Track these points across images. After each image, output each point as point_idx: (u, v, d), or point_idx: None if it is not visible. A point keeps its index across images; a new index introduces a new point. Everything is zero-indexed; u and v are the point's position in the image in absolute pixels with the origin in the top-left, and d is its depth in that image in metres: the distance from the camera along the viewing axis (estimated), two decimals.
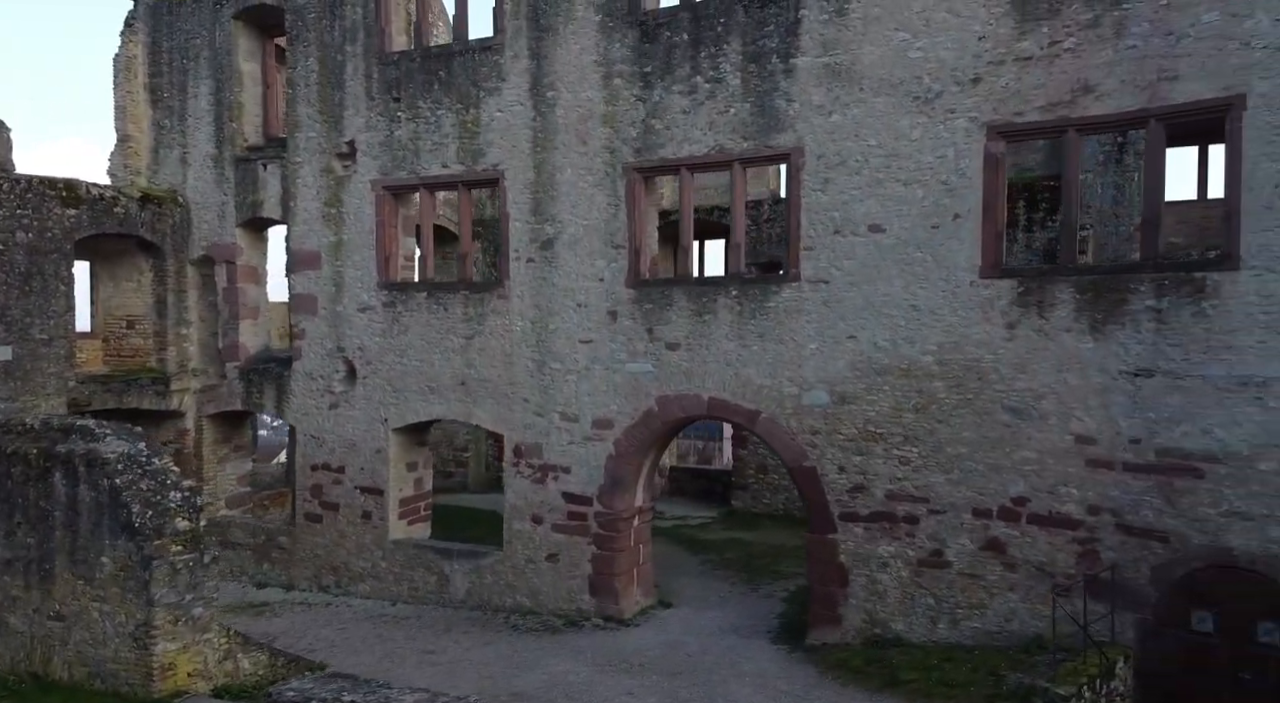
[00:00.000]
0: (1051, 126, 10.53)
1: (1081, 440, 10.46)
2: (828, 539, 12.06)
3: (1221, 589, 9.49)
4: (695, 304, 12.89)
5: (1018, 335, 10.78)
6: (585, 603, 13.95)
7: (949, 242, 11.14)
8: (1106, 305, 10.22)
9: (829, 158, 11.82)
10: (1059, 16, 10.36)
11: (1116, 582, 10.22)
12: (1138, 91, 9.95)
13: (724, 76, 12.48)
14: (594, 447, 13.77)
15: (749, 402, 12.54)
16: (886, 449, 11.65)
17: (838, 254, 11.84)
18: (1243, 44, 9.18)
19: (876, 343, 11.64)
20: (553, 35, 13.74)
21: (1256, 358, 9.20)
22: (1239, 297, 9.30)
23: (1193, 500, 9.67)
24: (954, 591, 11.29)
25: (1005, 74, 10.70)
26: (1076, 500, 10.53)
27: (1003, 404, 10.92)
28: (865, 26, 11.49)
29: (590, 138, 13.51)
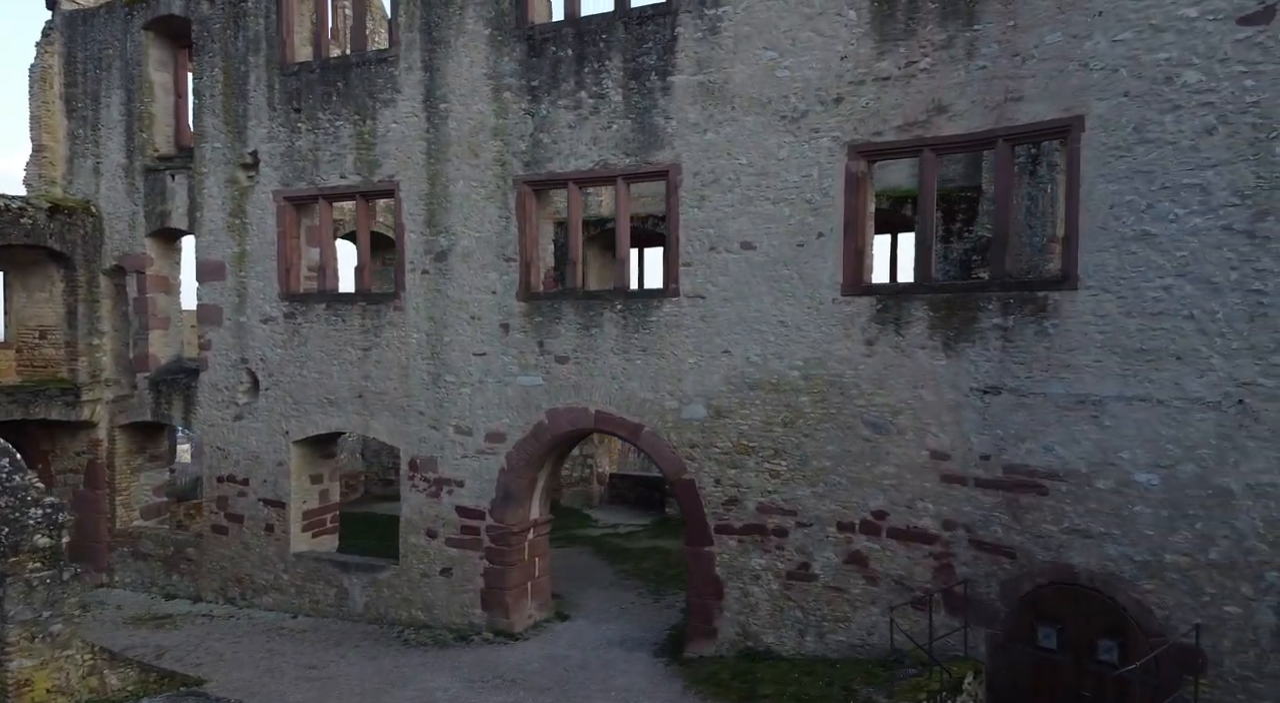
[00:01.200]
0: (908, 146, 10.77)
1: (936, 456, 10.70)
2: (704, 551, 12.25)
3: (1064, 606, 9.73)
4: (583, 318, 13.07)
5: (877, 352, 11.02)
6: (477, 617, 14.07)
7: (814, 259, 11.38)
8: (958, 323, 10.48)
9: (704, 175, 12.04)
10: (915, 37, 10.62)
11: (969, 597, 10.46)
12: (987, 112, 10.21)
13: (607, 92, 12.68)
14: (487, 460, 13.91)
15: (633, 415, 12.72)
16: (758, 462, 11.86)
17: (713, 270, 12.06)
18: (1082, 65, 9.44)
19: (749, 357, 11.86)
20: (445, 48, 13.90)
21: (1093, 377, 9.45)
22: (1077, 316, 9.56)
23: (1037, 517, 9.92)
24: (820, 603, 11.51)
25: (865, 94, 10.95)
26: (932, 515, 10.77)
27: (863, 419, 11.15)
28: (736, 45, 11.72)
29: (482, 150, 13.68)
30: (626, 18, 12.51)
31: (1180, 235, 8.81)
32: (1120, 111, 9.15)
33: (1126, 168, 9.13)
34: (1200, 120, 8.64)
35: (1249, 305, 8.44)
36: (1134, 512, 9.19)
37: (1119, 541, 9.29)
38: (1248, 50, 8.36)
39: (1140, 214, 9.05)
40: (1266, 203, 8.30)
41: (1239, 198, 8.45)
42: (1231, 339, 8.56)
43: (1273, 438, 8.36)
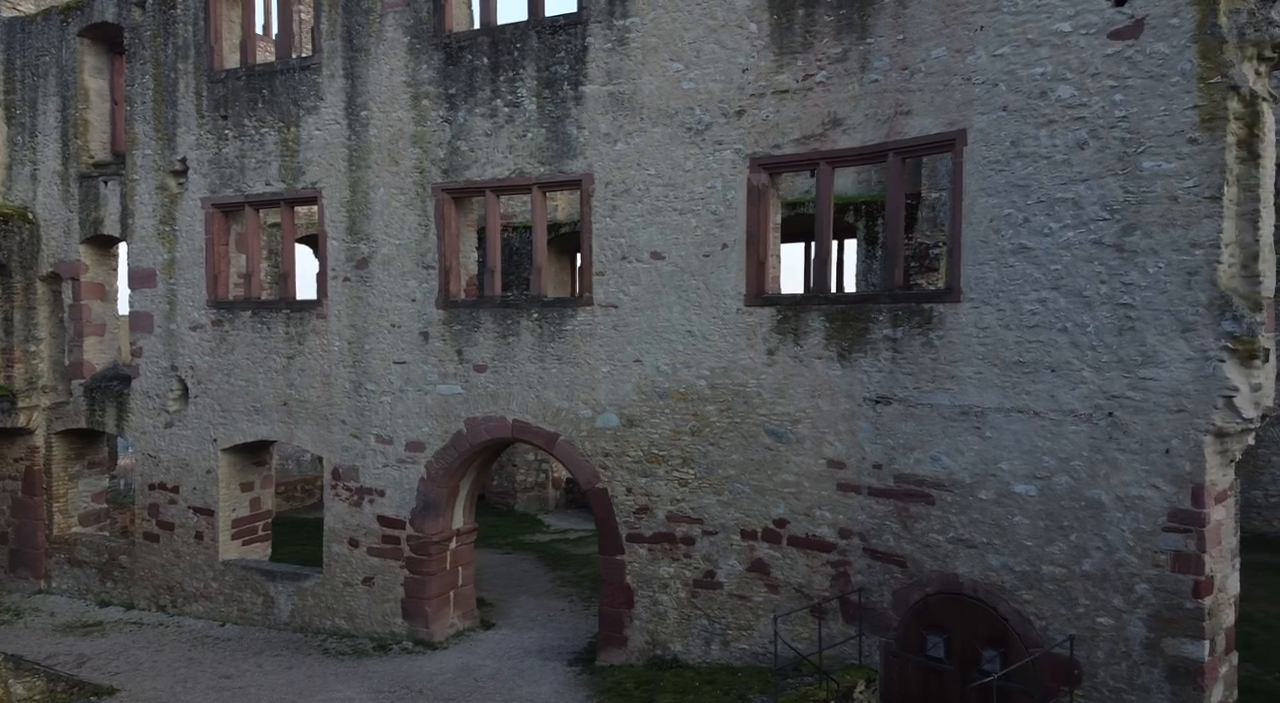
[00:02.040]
0: (805, 159, 10.94)
1: (833, 465, 10.86)
2: (616, 560, 12.38)
3: (950, 616, 9.89)
4: (500, 326, 13.19)
5: (777, 361, 11.17)
6: (398, 626, 14.16)
7: (719, 270, 11.52)
8: (852, 334, 10.64)
9: (616, 185, 12.18)
10: (812, 50, 10.78)
11: (863, 605, 10.61)
12: (879, 125, 10.38)
13: (521, 101, 12.81)
14: (407, 469, 14.01)
15: (549, 424, 12.84)
16: (668, 471, 11.99)
17: (625, 279, 12.19)
18: (965, 79, 9.61)
19: (659, 367, 11.99)
20: (365, 56, 14.01)
21: (974, 389, 9.62)
22: (960, 328, 9.72)
23: (925, 526, 10.08)
24: (725, 611, 11.64)
25: (765, 107, 11.11)
26: (830, 523, 10.92)
27: (765, 428, 11.30)
28: (644, 56, 11.86)
29: (401, 158, 13.79)
30: (539, 27, 12.64)
31: (1054, 249, 8.98)
32: (999, 126, 9.32)
33: (1005, 182, 9.31)
34: (1073, 135, 8.82)
35: (1118, 319, 8.61)
36: (1013, 522, 9.36)
37: (1000, 551, 9.46)
38: (1117, 65, 8.53)
39: (1018, 228, 9.23)
40: (1133, 217, 8.48)
41: (1108, 212, 8.62)
42: (1101, 352, 8.73)
43: (1141, 451, 8.53)
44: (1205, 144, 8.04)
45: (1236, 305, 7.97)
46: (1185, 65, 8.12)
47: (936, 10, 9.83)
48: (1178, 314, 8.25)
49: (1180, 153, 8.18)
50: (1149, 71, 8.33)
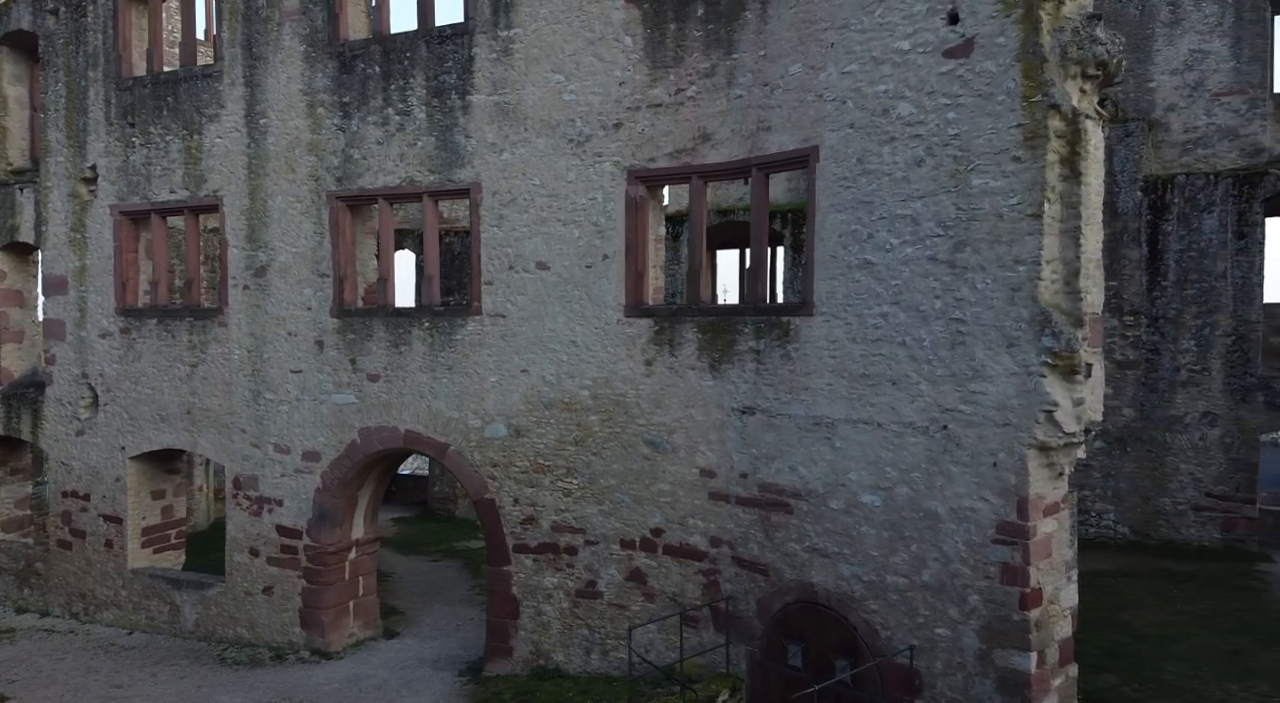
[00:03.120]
0: (678, 173, 11.22)
1: (705, 474, 11.13)
2: (503, 571, 12.63)
3: (807, 625, 10.17)
4: (392, 335, 13.43)
5: (654, 372, 11.44)
6: (297, 636, 14.39)
7: (600, 281, 11.79)
8: (722, 345, 10.91)
9: (502, 195, 12.44)
10: (683, 65, 11.06)
11: (731, 614, 10.88)
12: (743, 141, 10.66)
13: (412, 110, 13.06)
14: (304, 479, 14.23)
15: (440, 434, 13.08)
16: (552, 481, 12.25)
17: (512, 289, 12.45)
18: (817, 96, 9.90)
19: (545, 377, 12.25)
20: (264, 64, 14.24)
21: (826, 400, 9.90)
22: (813, 341, 10.00)
23: (785, 535, 10.36)
24: (604, 621, 11.91)
25: (641, 120, 11.38)
26: (702, 532, 11.20)
27: (643, 438, 11.57)
28: (527, 67, 12.13)
29: (298, 166, 14.03)
30: (428, 37, 12.90)
31: (895, 264, 9.27)
32: (847, 143, 9.61)
33: (852, 198, 9.59)
34: (911, 152, 9.11)
35: (950, 334, 8.91)
36: (861, 532, 9.65)
37: (850, 560, 9.74)
38: (950, 83, 8.82)
39: (863, 243, 9.51)
40: (964, 234, 8.77)
41: (942, 229, 8.91)
42: (936, 366, 9.02)
43: (971, 463, 8.82)
44: (1028, 162, 8.34)
45: (1056, 321, 8.26)
46: (1010, 84, 8.42)
47: (793, 27, 10.12)
48: (1003, 329, 8.54)
49: (1005, 170, 8.47)
50: (978, 90, 8.62)
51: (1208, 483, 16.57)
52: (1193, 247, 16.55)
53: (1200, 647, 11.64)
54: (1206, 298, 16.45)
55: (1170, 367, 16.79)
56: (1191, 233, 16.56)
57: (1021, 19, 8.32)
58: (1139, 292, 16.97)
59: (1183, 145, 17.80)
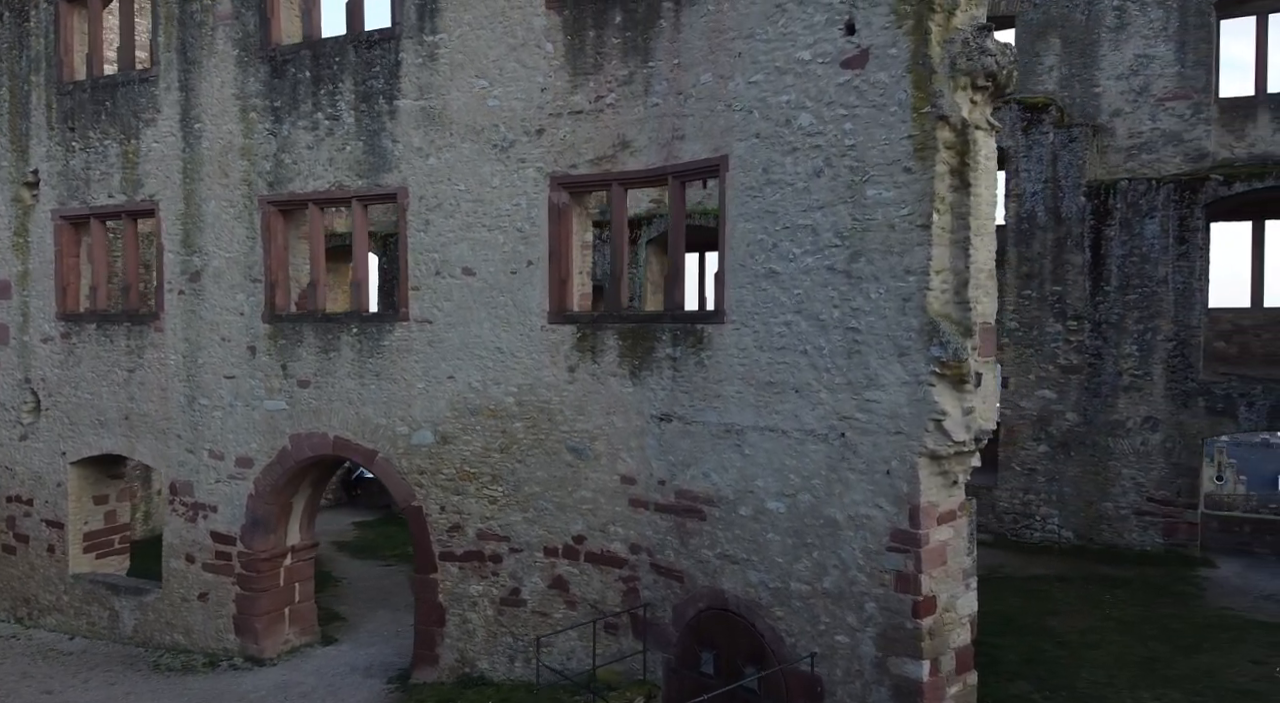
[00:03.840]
0: (598, 179, 11.36)
1: (626, 481, 11.28)
2: (429, 579, 12.76)
3: (719, 632, 10.32)
4: (322, 341, 13.54)
5: (577, 379, 11.58)
6: (231, 643, 14.49)
7: (525, 287, 11.92)
8: (641, 352, 11.06)
9: (429, 200, 12.56)
10: (602, 72, 11.20)
11: (649, 620, 11.03)
12: (660, 148, 10.81)
13: (341, 114, 13.18)
14: (237, 485, 14.34)
15: (368, 441, 13.20)
16: (478, 488, 12.38)
17: (439, 295, 12.57)
18: (727, 106, 10.05)
19: (471, 384, 12.38)
20: (199, 68, 14.34)
21: (736, 407, 10.05)
22: (725, 349, 10.16)
23: (698, 542, 10.51)
24: (528, 629, 12.04)
25: (563, 126, 11.52)
26: (622, 539, 11.34)
27: (566, 445, 11.71)
28: (453, 72, 12.26)
29: (231, 170, 14.13)
30: (357, 41, 13.02)
31: (797, 274, 9.42)
32: (754, 152, 9.76)
33: (758, 207, 9.74)
34: (811, 162, 9.26)
35: (848, 342, 9.06)
36: (767, 539, 9.80)
37: (757, 567, 9.89)
38: (847, 94, 8.98)
39: (769, 252, 9.66)
40: (859, 244, 8.93)
41: (839, 239, 9.06)
42: (835, 375, 9.17)
43: (867, 471, 8.97)
44: (918, 173, 8.49)
45: (944, 331, 8.42)
46: (902, 95, 8.58)
47: (704, 36, 10.27)
48: (895, 339, 8.70)
49: (897, 181, 8.63)
50: (873, 101, 8.78)
51: (1150, 488, 16.76)
52: (1135, 252, 16.73)
53: (1120, 654, 11.81)
54: (1148, 303, 16.63)
55: (1113, 371, 16.98)
56: (1134, 238, 16.75)
57: (912, 30, 8.48)
58: (1082, 297, 17.16)
59: (1128, 150, 17.98)
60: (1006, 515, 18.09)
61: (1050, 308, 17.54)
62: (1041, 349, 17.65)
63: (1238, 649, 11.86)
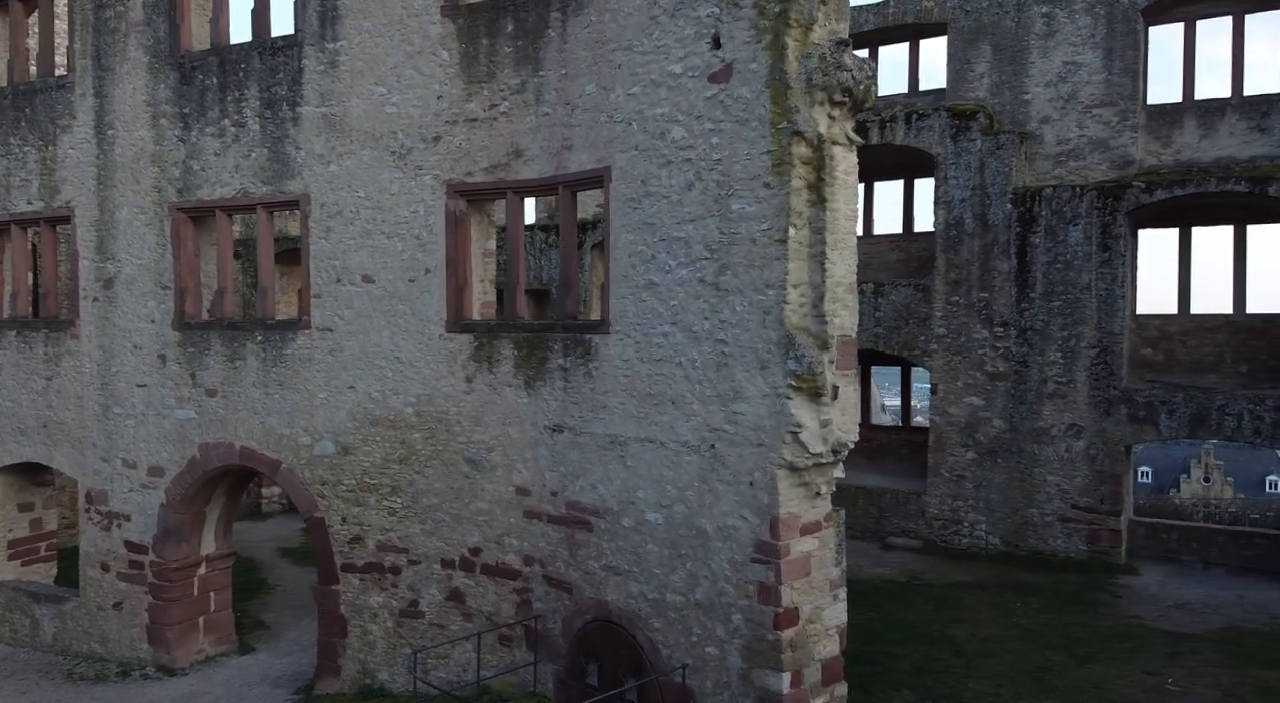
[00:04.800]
0: (493, 188, 11.40)
1: (520, 492, 11.33)
2: (331, 590, 12.78)
3: (603, 643, 10.38)
4: (229, 350, 13.56)
5: (474, 389, 11.63)
6: (145, 652, 14.50)
7: (423, 296, 11.97)
8: (536, 362, 11.11)
9: (330, 207, 12.59)
10: (495, 80, 11.25)
11: (541, 632, 11.08)
12: (550, 158, 10.87)
13: (246, 121, 13.20)
14: (150, 494, 14.34)
15: (272, 451, 13.22)
16: (378, 500, 12.41)
17: (339, 303, 12.60)
18: (609, 117, 10.11)
19: (371, 393, 12.41)
20: (112, 75, 14.34)
21: (619, 418, 10.11)
22: (610, 360, 10.22)
23: (586, 553, 10.56)
24: (426, 640, 12.07)
25: (458, 134, 11.56)
26: (516, 551, 11.39)
27: (464, 455, 11.75)
28: (353, 80, 12.29)
29: (142, 177, 14.14)
30: (261, 49, 13.05)
31: (673, 286, 9.49)
32: (634, 164, 9.83)
33: (638, 219, 9.81)
34: (683, 176, 9.33)
35: (717, 355, 9.14)
36: (647, 550, 9.87)
37: (638, 578, 9.96)
38: (714, 108, 9.06)
39: (648, 264, 9.73)
40: (726, 258, 9.00)
41: (709, 252, 9.14)
42: (705, 386, 9.25)
43: (734, 482, 9.05)
44: (776, 188, 8.57)
45: (800, 344, 8.49)
46: (761, 110, 8.65)
47: (588, 47, 10.33)
48: (757, 352, 8.78)
49: (758, 196, 8.71)
50: (737, 116, 8.85)
51: (1074, 495, 16.88)
52: (1059, 259, 16.86)
53: (1014, 663, 11.90)
54: (1072, 310, 16.76)
55: (1038, 378, 17.10)
56: (1058, 245, 16.87)
57: (770, 45, 8.56)
58: (1009, 304, 17.28)
59: (1056, 157, 18.11)
60: (936, 521, 18.20)
61: (978, 315, 17.66)
62: (969, 356, 17.77)
63: (1134, 659, 11.97)
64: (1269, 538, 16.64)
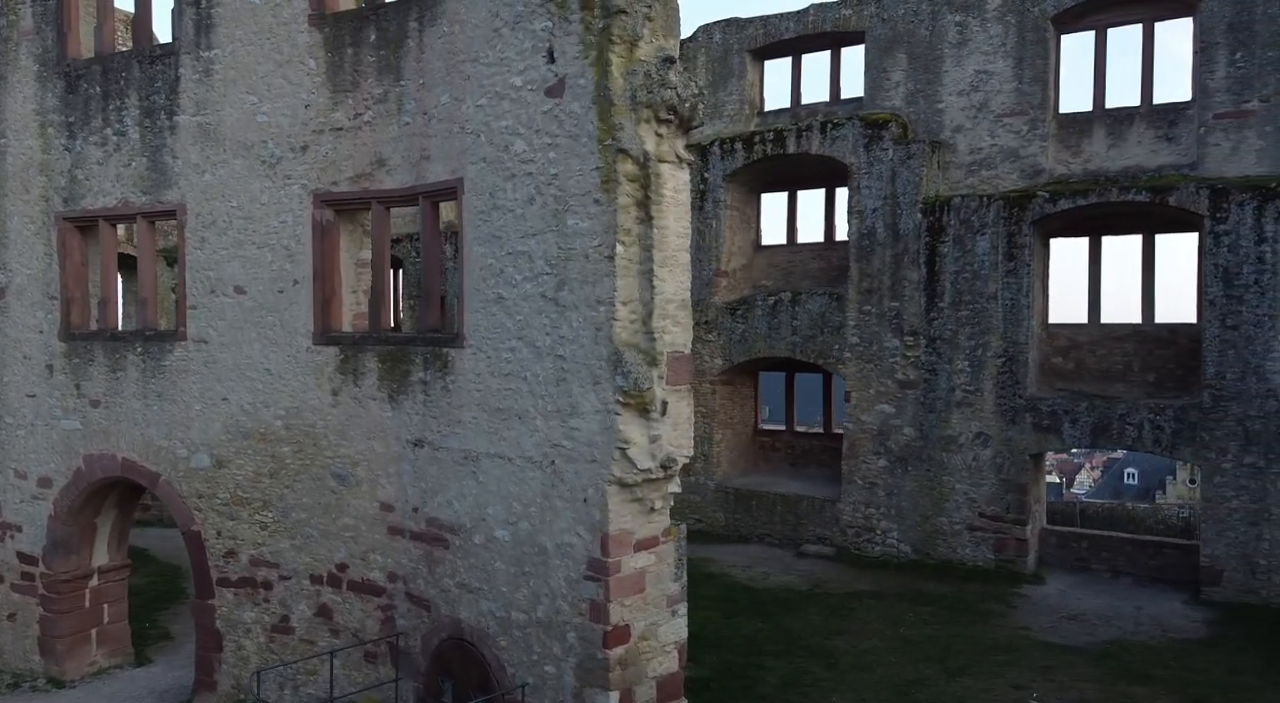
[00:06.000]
0: (358, 197, 11.24)
1: (385, 508, 11.16)
2: (207, 604, 12.60)
3: (456, 661, 10.23)
4: (111, 360, 13.36)
5: (340, 402, 11.46)
6: (37, 664, 14.28)
7: (292, 307, 11.79)
8: (399, 376, 10.95)
9: (204, 216, 12.41)
10: (360, 89, 11.10)
11: (403, 649, 10.92)
12: (411, 168, 10.72)
13: (127, 130, 13.01)
14: (39, 505, 14.12)
15: (152, 463, 13.03)
16: (251, 514, 12.23)
17: (214, 314, 12.42)
18: (461, 128, 9.97)
19: (243, 406, 12.23)
20: (4, 83, 14.14)
21: (473, 433, 9.97)
22: (464, 374, 10.07)
23: (443, 571, 10.41)
24: (296, 656, 11.89)
25: (325, 143, 11.40)
26: (381, 567, 11.23)
27: (330, 470, 11.58)
28: (226, 88, 12.11)
29: (31, 186, 13.93)
30: (141, 57, 12.86)
31: (518, 300, 9.35)
32: (483, 176, 9.69)
33: (488, 232, 9.67)
34: (525, 189, 9.20)
35: (557, 370, 9.00)
36: (495, 568, 9.72)
37: (488, 596, 9.81)
38: (550, 122, 8.93)
39: (497, 277, 9.59)
40: (564, 273, 8.87)
41: (550, 267, 9.00)
42: (547, 402, 9.12)
43: (571, 498, 8.92)
44: (605, 204, 8.44)
45: (628, 361, 8.37)
46: (590, 126, 8.53)
47: (442, 57, 10.19)
48: (590, 367, 8.65)
49: (590, 212, 8.58)
50: (570, 131, 8.72)
51: (981, 503, 16.82)
52: (967, 268, 16.80)
53: (885, 676, 11.80)
54: (979, 319, 16.70)
55: (946, 387, 17.03)
56: (966, 255, 16.81)
57: (596, 61, 8.43)
58: (919, 313, 17.21)
59: (968, 166, 18.05)
60: (850, 529, 18.11)
61: (889, 323, 17.58)
62: (881, 364, 17.69)
63: (1006, 673, 11.88)
64: (1178, 548, 16.59)
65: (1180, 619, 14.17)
